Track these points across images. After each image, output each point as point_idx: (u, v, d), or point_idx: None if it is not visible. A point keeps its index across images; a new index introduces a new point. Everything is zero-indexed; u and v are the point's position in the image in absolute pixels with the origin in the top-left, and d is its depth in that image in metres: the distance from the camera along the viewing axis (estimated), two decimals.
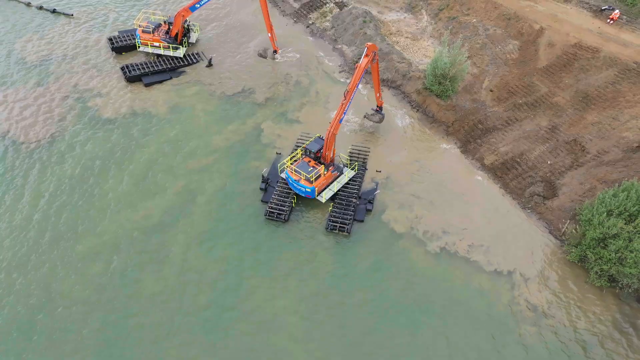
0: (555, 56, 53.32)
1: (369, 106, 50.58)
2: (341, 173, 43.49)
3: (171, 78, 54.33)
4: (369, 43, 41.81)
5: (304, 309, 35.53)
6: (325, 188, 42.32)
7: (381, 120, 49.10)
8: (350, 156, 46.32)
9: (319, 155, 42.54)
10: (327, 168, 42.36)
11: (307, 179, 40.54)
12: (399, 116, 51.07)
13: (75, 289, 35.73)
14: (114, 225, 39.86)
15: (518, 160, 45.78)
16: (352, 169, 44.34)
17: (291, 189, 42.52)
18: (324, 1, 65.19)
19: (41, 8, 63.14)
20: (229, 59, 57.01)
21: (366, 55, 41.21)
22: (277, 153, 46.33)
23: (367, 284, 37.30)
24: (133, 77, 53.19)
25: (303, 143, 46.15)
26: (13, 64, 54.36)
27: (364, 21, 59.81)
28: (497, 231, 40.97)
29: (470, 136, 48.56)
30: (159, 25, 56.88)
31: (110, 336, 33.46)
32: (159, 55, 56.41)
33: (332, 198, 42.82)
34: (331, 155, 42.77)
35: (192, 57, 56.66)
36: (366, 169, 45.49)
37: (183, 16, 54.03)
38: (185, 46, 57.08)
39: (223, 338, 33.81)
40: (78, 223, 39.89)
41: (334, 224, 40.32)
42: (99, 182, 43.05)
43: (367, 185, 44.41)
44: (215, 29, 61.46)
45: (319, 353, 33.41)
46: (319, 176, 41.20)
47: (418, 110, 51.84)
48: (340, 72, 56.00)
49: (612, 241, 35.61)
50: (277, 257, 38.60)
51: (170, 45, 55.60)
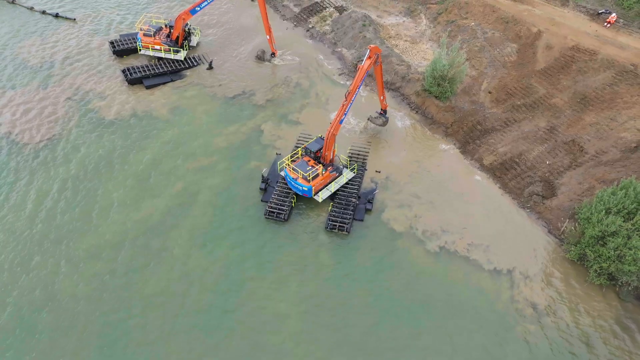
0: (553, 58, 53.75)
1: (369, 109, 50.93)
2: (340, 174, 43.69)
3: (172, 80, 54.76)
4: (372, 45, 41.66)
5: (305, 309, 35.54)
6: (323, 188, 42.51)
7: (385, 123, 49.10)
8: (349, 156, 46.55)
9: (319, 155, 42.79)
10: (326, 168, 42.56)
11: (305, 178, 40.78)
12: (399, 118, 51.37)
13: (77, 289, 35.85)
14: (116, 225, 40.03)
15: (517, 160, 45.99)
16: (352, 170, 44.55)
17: (291, 189, 42.73)
18: (324, 5, 65.85)
19: (44, 12, 63.79)
20: (230, 62, 57.48)
21: (369, 57, 41.22)
22: (277, 154, 46.59)
23: (367, 283, 37.33)
24: (134, 80, 53.64)
25: (303, 143, 46.45)
26: (17, 67, 54.88)
27: (364, 25, 60.35)
28: (497, 230, 41.08)
29: (469, 137, 48.82)
30: (160, 28, 57.43)
31: (111, 336, 33.49)
32: (160, 58, 56.93)
33: (332, 198, 43.01)
34: (331, 155, 43.00)
35: (193, 60, 57.14)
36: (366, 169, 45.71)
37: (184, 19, 54.59)
38: (186, 49, 57.58)
39: (224, 338, 33.79)
40: (81, 223, 40.07)
41: (334, 223, 40.47)
42: (101, 183, 43.30)
43: (367, 185, 44.59)
44: (216, 33, 62.01)
45: (321, 353, 33.37)
46: (317, 175, 41.40)
47: (417, 111, 52.16)
48: (340, 75, 56.42)
49: (611, 239, 35.70)
50: (277, 257, 38.68)
51: (171, 48, 56.11)
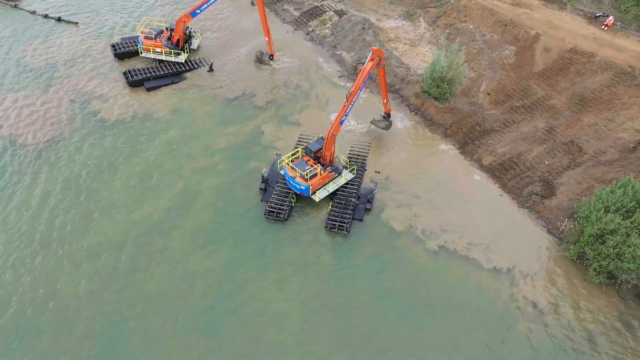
0: (551, 61, 54.12)
1: (368, 110, 51.21)
2: (339, 174, 43.84)
3: (173, 83, 55.09)
4: (375, 47, 41.43)
5: (306, 309, 35.55)
6: (320, 187, 42.65)
7: (388, 127, 48.90)
8: (349, 157, 46.74)
9: (319, 155, 42.98)
10: (325, 168, 42.74)
11: (302, 177, 40.99)
12: (398, 119, 51.60)
13: (78, 289, 35.93)
14: (118, 225, 40.17)
15: (516, 160, 46.16)
16: (351, 172, 44.70)
17: (290, 189, 42.88)
18: (324, 9, 66.40)
19: (46, 16, 64.31)
20: (230, 64, 57.86)
21: (371, 59, 41.23)
22: (277, 154, 46.79)
23: (368, 282, 37.35)
24: (135, 82, 53.95)
25: (302, 144, 46.64)
26: (20, 70, 55.27)
27: (363, 28, 60.82)
28: (496, 229, 41.15)
29: (468, 138, 49.03)
30: (161, 31, 57.87)
31: (113, 336, 33.51)
32: (161, 60, 57.33)
33: (332, 198, 43.14)
34: (330, 156, 43.18)
35: (194, 63, 57.54)
36: (365, 170, 45.87)
37: (184, 22, 55.03)
38: (186, 52, 57.98)
39: (226, 339, 33.77)
40: (83, 223, 40.22)
41: (333, 223, 40.57)
42: (104, 183, 43.49)
43: (367, 185, 44.73)
44: (216, 36, 62.46)
45: (322, 353, 33.34)
46: (315, 175, 41.58)
47: (416, 113, 52.43)
48: (339, 77, 56.77)
49: (610, 237, 35.75)
50: (278, 257, 38.74)
51: (172, 51, 56.52)
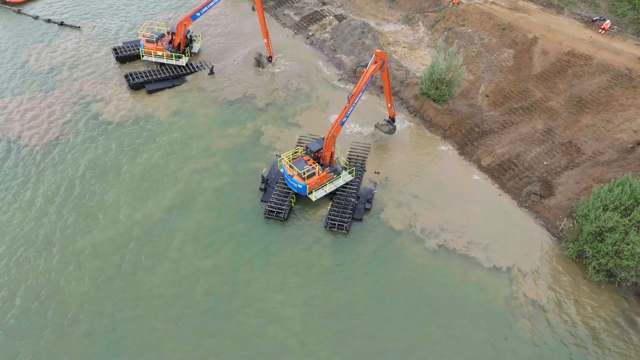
0: (549, 63, 54.58)
1: (368, 112, 51.54)
2: (338, 175, 44.03)
3: (174, 85, 55.50)
4: (378, 50, 41.30)
5: (307, 309, 35.55)
6: (318, 187, 42.85)
7: (392, 131, 48.76)
8: (349, 157, 46.97)
9: (319, 155, 43.23)
10: (324, 168, 42.95)
11: (300, 175, 41.21)
12: (398, 120, 51.72)
13: (81, 288, 36.00)
14: (120, 225, 40.32)
15: (515, 161, 46.39)
16: (350, 173, 44.86)
17: (290, 189, 43.07)
18: (324, 14, 67.05)
19: (49, 21, 64.88)
20: (231, 67, 58.30)
21: (374, 62, 41.23)
22: (277, 155, 47.04)
23: (368, 282, 37.37)
24: (136, 85, 54.32)
25: (302, 145, 46.89)
26: (24, 74, 55.65)
27: (363, 32, 61.37)
28: (495, 229, 41.26)
29: (467, 139, 49.31)
30: (163, 35, 58.39)
31: (114, 336, 33.51)
32: (162, 64, 57.78)
33: (331, 198, 43.30)
34: (330, 156, 43.39)
35: (194, 66, 57.96)
36: (365, 170, 46.07)
37: (185, 25, 55.54)
38: (187, 55, 58.46)
39: (227, 340, 33.73)
40: (86, 223, 40.37)
41: (333, 222, 40.69)
42: (106, 184, 43.71)
43: (366, 185, 44.92)
44: (217, 40, 62.97)
45: (324, 353, 33.31)
46: (313, 174, 41.78)
47: (416, 115, 52.77)
48: (339, 80, 57.18)
49: (609, 235, 35.87)
50: (279, 258, 38.77)
51: (173, 54, 56.99)
